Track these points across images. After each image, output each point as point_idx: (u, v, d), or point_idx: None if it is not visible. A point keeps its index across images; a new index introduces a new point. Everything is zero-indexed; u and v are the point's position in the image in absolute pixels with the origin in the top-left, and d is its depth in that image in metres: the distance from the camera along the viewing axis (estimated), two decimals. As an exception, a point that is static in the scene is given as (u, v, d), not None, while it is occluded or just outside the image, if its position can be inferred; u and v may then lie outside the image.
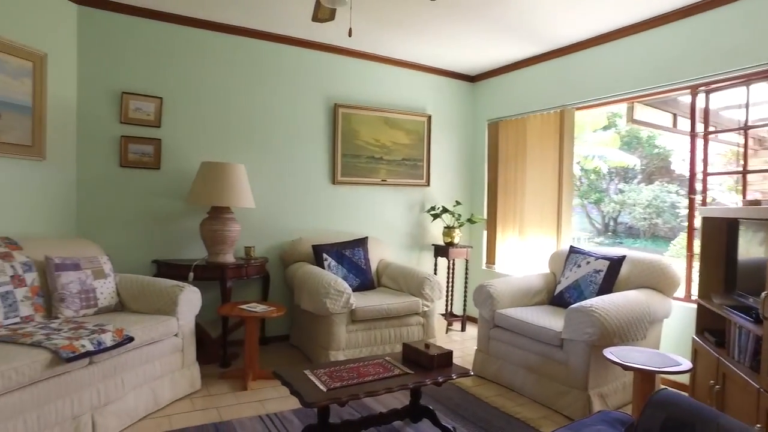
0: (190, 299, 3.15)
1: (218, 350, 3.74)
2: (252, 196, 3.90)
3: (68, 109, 3.54)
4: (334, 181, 4.58)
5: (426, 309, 3.91)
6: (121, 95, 3.71)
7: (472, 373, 2.64)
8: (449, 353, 2.67)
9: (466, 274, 5.03)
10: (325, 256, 4.12)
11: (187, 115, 3.95)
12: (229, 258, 3.82)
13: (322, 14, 2.90)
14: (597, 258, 3.55)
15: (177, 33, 3.88)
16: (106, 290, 3.11)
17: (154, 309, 3.09)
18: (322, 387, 2.30)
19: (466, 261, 5.01)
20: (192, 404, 3.00)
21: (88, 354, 2.41)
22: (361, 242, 4.34)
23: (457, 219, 4.91)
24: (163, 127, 3.87)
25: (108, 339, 2.54)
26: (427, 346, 2.71)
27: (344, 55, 4.55)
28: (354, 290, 4.05)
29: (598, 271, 3.48)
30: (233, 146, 4.13)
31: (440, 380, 2.50)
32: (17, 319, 2.70)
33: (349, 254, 4.22)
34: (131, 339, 2.66)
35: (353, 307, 3.58)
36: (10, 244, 2.90)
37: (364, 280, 4.21)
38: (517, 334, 3.33)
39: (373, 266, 4.42)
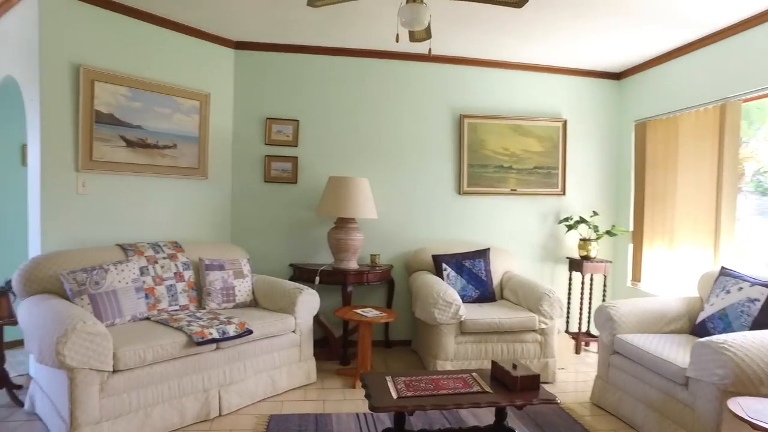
0: (308, 301, 3.52)
1: (340, 349, 4.08)
2: (374, 208, 4.17)
3: (225, 136, 4.26)
4: (460, 191, 4.60)
5: (544, 326, 3.69)
6: (265, 121, 4.33)
7: (558, 402, 2.45)
8: (535, 376, 2.51)
9: (604, 291, 4.56)
10: (444, 266, 4.18)
11: (319, 134, 4.41)
12: (352, 264, 4.14)
13: (419, 35, 3.00)
14: (753, 284, 2.93)
15: (309, 62, 4.36)
16: (243, 288, 3.66)
17: (278, 307, 3.53)
18: (393, 394, 2.40)
19: (605, 277, 4.54)
20: (304, 394, 3.36)
21: (214, 340, 2.91)
22: (482, 253, 4.27)
23: (595, 230, 4.49)
24: (299, 146, 4.39)
25: (231, 330, 3.02)
26: (515, 366, 2.60)
27: (469, 66, 4.55)
28: (472, 302, 4.05)
29: (753, 300, 2.87)
30: (359, 161, 4.46)
31: (518, 403, 2.38)
32: (177, 307, 3.38)
33: (469, 265, 4.20)
34: (250, 332, 3.10)
35: (462, 319, 3.57)
36: (177, 247, 3.63)
37: (484, 291, 4.15)
38: (637, 364, 2.95)
39: (497, 278, 4.32)
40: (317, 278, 4.01)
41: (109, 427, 2.52)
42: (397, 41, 2.56)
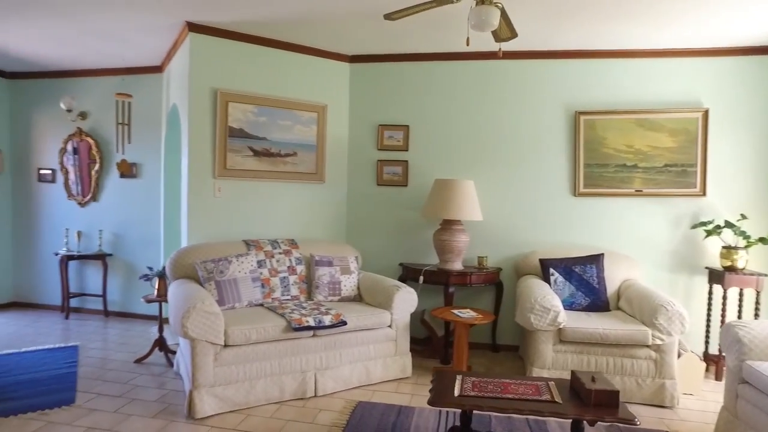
0: (405, 299, 3.68)
1: (441, 348, 4.15)
2: (479, 210, 4.17)
3: (341, 143, 4.64)
4: (575, 192, 4.33)
5: (659, 342, 3.30)
6: (377, 127, 4.61)
7: (637, 423, 2.22)
8: (613, 392, 2.32)
9: (757, 309, 3.86)
10: (551, 270, 3.98)
11: (428, 138, 4.54)
12: (456, 266, 4.19)
13: (503, 35, 2.97)
14: None
15: (418, 68, 4.52)
16: (349, 284, 3.97)
17: (377, 303, 3.75)
18: (456, 392, 2.44)
19: (757, 293, 3.84)
20: (396, 387, 3.52)
21: (310, 328, 3.24)
22: (595, 259, 3.97)
23: (744, 237, 3.84)
24: (409, 151, 4.58)
25: (327, 320, 3.33)
26: (594, 379, 2.43)
27: (585, 59, 4.26)
28: (581, 310, 3.81)
29: None
30: (468, 163, 4.48)
31: (587, 418, 2.23)
32: (288, 297, 3.81)
33: (579, 271, 3.94)
34: (345, 323, 3.37)
35: (560, 326, 3.39)
36: (292, 244, 4.09)
37: (596, 300, 3.85)
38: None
39: (612, 286, 3.97)
40: (421, 278, 4.14)
41: (221, 391, 2.99)
42: (467, 45, 2.58)
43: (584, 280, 3.92)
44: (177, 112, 4.38)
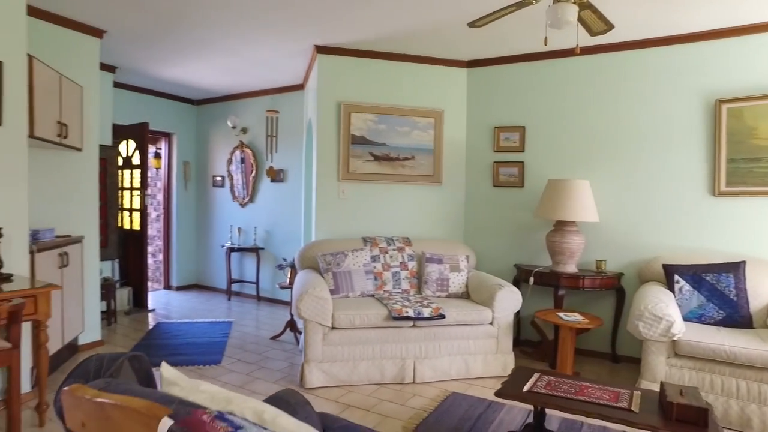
0: (508, 297, 3.70)
1: (551, 351, 4.05)
2: (595, 211, 3.98)
3: (458, 146, 4.80)
4: (714, 192, 3.85)
5: (805, 367, 2.82)
6: (493, 129, 4.66)
7: (725, 441, 2.00)
8: (701, 410, 2.11)
9: None
10: (677, 278, 3.62)
11: (545, 138, 4.46)
12: (569, 268, 4.05)
13: (597, 28, 2.87)
14: None
15: (533, 68, 4.46)
16: (457, 281, 4.11)
17: (481, 300, 3.84)
18: (526, 388, 2.46)
19: None
20: (494, 384, 3.56)
21: (408, 318, 3.49)
22: (733, 267, 3.49)
23: None
24: (526, 152, 4.54)
25: (426, 312, 3.54)
26: (682, 392, 2.25)
27: (721, 38, 3.76)
28: (713, 323, 3.42)
29: None
30: (587, 162, 4.28)
31: None
32: (399, 290, 4.11)
33: (712, 279, 3.51)
34: (443, 317, 3.55)
35: (675, 338, 3.10)
36: (407, 241, 4.39)
37: (732, 313, 3.40)
38: None
39: (758, 300, 3.45)
40: (531, 279, 4.10)
41: (328, 367, 3.41)
42: (545, 44, 2.58)
43: (717, 290, 3.48)
44: (312, 124, 5.01)
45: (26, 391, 2.90)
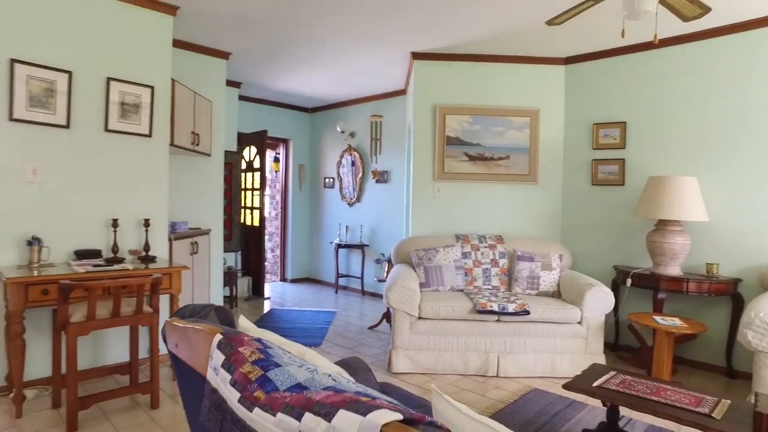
0: (598, 297, 3.61)
1: (649, 358, 3.83)
2: (704, 210, 3.71)
3: (555, 144, 4.73)
4: None
5: None
6: (592, 126, 4.52)
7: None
8: (792, 417, 1.96)
9: None
10: (802, 285, 3.25)
11: (648, 133, 4.22)
12: (671, 270, 3.81)
13: (689, 12, 2.74)
14: None
15: (633, 61, 4.24)
16: (548, 280, 4.08)
17: (570, 299, 3.78)
18: (597, 383, 2.45)
19: None
20: (582, 385, 3.50)
21: (492, 312, 3.57)
22: None
23: None
24: (626, 148, 4.34)
25: (511, 307, 3.59)
26: (775, 400, 2.09)
27: None
28: None
29: None
30: (691, 158, 3.98)
31: (744, 437, 1.97)
32: (489, 286, 4.19)
33: None
34: (527, 313, 3.57)
35: (789, 349, 2.81)
36: (499, 239, 4.44)
37: None
38: None
39: None
40: (628, 280, 3.93)
41: (414, 354, 3.62)
42: (622, 36, 2.53)
43: None
44: (411, 126, 5.27)
45: (164, 353, 3.53)
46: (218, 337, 1.13)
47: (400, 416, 0.77)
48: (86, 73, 3.28)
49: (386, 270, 4.82)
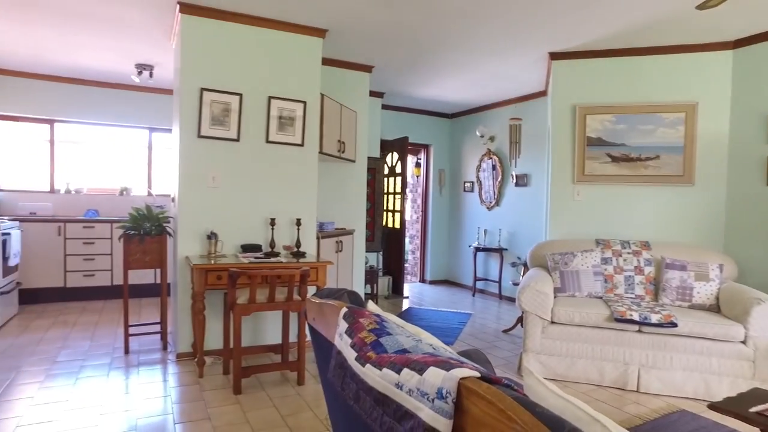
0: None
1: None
2: None
3: (718, 140, 4.22)
4: None
5: None
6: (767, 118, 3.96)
7: None
8: None
9: None
10: None
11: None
12: None
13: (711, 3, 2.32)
14: None
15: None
16: (703, 291, 3.68)
17: (732, 315, 3.37)
18: (756, 409, 2.20)
19: None
20: (743, 411, 3.09)
21: (632, 321, 3.35)
22: None
23: None
24: (812, 143, 3.73)
25: (654, 318, 3.33)
26: None
27: None
28: None
29: None
30: None
31: None
32: (632, 295, 3.92)
33: None
34: (674, 325, 3.28)
35: None
36: (645, 245, 4.12)
37: None
38: None
39: None
40: (811, 297, 3.37)
41: (545, 359, 3.56)
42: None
43: None
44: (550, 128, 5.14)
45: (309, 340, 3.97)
46: (344, 309, 1.36)
47: (477, 374, 0.89)
48: (252, 93, 3.89)
49: (522, 273, 4.76)
